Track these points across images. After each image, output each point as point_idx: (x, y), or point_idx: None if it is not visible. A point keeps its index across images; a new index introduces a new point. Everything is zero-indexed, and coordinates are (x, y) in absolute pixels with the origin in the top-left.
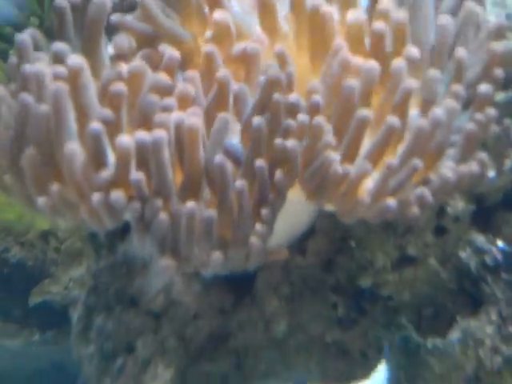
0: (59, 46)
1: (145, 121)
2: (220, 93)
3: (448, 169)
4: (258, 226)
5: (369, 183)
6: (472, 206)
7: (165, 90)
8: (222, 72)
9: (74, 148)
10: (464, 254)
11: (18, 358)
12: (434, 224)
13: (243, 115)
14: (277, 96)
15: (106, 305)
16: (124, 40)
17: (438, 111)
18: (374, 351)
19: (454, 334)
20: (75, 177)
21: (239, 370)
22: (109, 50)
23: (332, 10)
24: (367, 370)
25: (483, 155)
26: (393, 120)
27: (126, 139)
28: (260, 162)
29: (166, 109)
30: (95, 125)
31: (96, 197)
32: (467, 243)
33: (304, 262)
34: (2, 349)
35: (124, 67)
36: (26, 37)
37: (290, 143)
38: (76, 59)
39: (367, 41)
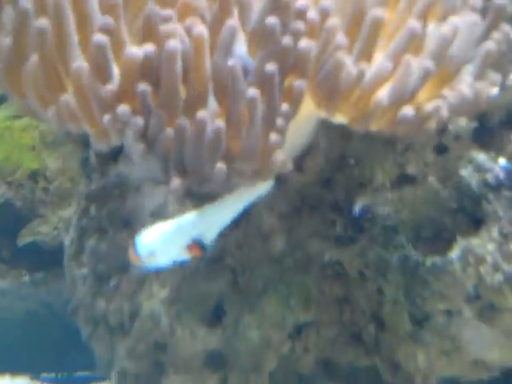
0: None
1: (148, 33)
2: (223, 3)
3: (465, 85)
4: (273, 135)
5: (384, 91)
6: (474, 123)
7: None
8: None
9: (81, 64)
10: (465, 173)
11: (8, 298)
12: (435, 142)
13: (249, 24)
14: None
15: (99, 227)
16: None
17: (456, 19)
18: (371, 271)
19: (454, 252)
20: (82, 92)
21: (236, 287)
22: None
23: None
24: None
25: (496, 75)
26: (415, 24)
27: (134, 50)
28: (271, 66)
29: (166, 20)
30: (99, 36)
31: (106, 116)
32: (468, 161)
33: (302, 180)
34: None
35: None
36: None
37: (304, 43)
38: None
39: None
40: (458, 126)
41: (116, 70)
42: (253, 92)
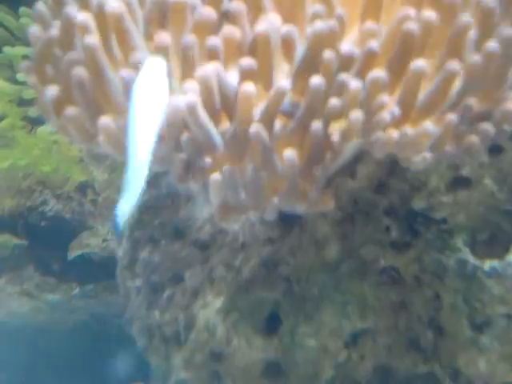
0: None
1: (188, 64)
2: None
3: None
4: (310, 193)
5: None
6: None
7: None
8: (263, 27)
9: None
10: None
11: (59, 311)
12: (490, 143)
13: (293, 60)
14: (328, 55)
15: (151, 238)
16: None
17: (492, 45)
18: (428, 276)
19: None
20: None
21: (291, 296)
22: None
23: None
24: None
25: None
26: (453, 65)
27: (176, 102)
28: (317, 125)
29: (211, 52)
30: (126, 72)
31: None
32: None
33: (354, 185)
34: (42, 302)
35: None
36: None
37: (354, 115)
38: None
39: None
40: None
41: None
42: (291, 154)
